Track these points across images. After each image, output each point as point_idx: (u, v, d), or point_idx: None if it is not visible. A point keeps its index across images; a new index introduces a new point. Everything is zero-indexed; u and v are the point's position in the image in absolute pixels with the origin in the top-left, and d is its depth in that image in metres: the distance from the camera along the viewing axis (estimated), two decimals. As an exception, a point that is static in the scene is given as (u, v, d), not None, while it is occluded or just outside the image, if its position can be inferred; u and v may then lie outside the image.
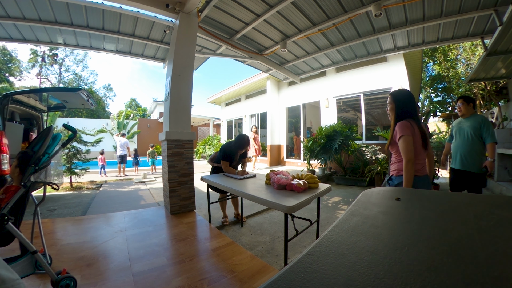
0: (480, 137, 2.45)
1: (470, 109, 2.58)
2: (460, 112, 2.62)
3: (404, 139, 1.55)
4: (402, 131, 1.57)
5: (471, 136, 2.49)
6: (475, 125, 2.48)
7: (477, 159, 2.46)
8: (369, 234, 0.52)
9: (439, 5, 3.43)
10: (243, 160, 3.21)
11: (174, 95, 3.22)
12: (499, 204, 0.77)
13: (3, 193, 1.42)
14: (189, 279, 1.63)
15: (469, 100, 2.60)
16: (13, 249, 1.56)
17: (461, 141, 2.59)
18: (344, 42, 4.72)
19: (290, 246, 2.11)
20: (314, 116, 10.62)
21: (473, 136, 2.48)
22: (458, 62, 8.79)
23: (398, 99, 1.71)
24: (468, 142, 2.51)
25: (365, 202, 0.77)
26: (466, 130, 2.55)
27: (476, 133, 2.46)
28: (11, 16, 3.50)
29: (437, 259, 0.40)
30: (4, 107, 3.33)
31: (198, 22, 3.52)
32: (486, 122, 2.44)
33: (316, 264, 0.39)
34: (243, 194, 1.92)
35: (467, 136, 2.53)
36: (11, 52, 19.61)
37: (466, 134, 2.54)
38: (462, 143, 2.57)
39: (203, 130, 19.05)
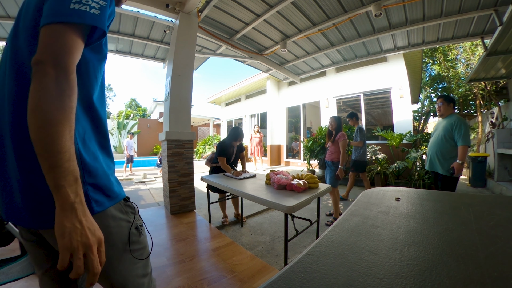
0: (452, 138, 2.36)
1: (450, 109, 2.48)
2: (439, 112, 2.53)
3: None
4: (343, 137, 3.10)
5: (442, 137, 2.42)
6: (447, 126, 2.40)
7: (446, 160, 2.38)
8: (369, 234, 0.52)
9: (439, 5, 3.43)
10: (241, 155, 3.20)
11: (174, 95, 3.22)
12: (499, 204, 0.77)
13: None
14: (189, 279, 1.63)
15: (450, 99, 2.50)
16: (13, 249, 1.56)
17: (432, 142, 2.54)
18: (344, 42, 4.72)
19: (290, 246, 2.11)
20: (314, 116, 10.63)
21: (444, 137, 2.40)
22: (458, 62, 8.79)
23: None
24: (438, 143, 2.45)
25: (365, 202, 0.78)
26: (439, 130, 2.49)
27: (448, 134, 2.38)
28: (11, 16, 3.50)
29: (437, 259, 0.40)
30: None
31: (198, 22, 3.52)
32: (458, 123, 2.32)
33: (316, 264, 0.39)
34: (243, 194, 1.92)
35: (438, 137, 2.46)
36: (11, 52, 19.63)
37: (438, 135, 2.48)
38: (434, 143, 2.51)
39: (203, 130, 19.05)
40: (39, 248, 0.65)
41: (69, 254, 0.44)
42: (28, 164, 0.53)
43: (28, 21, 0.55)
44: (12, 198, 0.57)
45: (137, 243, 0.67)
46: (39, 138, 0.44)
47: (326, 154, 3.36)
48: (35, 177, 0.53)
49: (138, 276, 0.67)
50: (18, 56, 0.55)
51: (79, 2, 0.50)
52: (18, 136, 0.54)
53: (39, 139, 0.44)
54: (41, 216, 0.54)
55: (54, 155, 0.44)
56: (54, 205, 0.47)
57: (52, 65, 0.46)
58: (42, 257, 0.66)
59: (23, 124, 0.49)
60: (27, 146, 0.52)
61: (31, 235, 0.64)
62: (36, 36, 0.51)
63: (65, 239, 0.44)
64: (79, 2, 0.51)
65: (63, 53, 0.48)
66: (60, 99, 0.46)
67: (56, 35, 0.48)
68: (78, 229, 0.45)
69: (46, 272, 0.66)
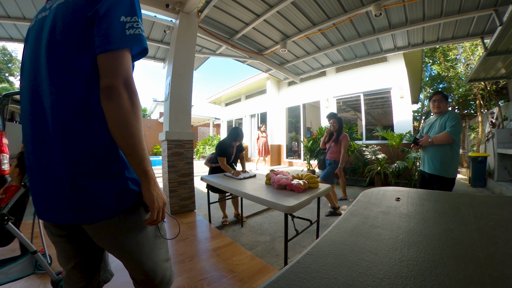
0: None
1: (447, 106, 2.38)
2: (438, 109, 2.36)
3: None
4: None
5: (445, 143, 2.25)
6: (441, 123, 2.28)
7: (445, 162, 2.23)
8: (369, 234, 0.52)
9: (439, 5, 3.43)
10: (241, 155, 3.20)
11: (174, 95, 3.22)
12: (499, 204, 0.77)
13: (3, 193, 1.42)
14: (189, 279, 1.63)
15: (447, 96, 2.40)
16: (13, 249, 1.56)
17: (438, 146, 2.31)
18: (344, 42, 4.72)
19: (290, 246, 2.11)
20: (314, 116, 10.63)
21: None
22: (458, 62, 8.79)
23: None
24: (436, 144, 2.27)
25: (365, 202, 0.77)
26: (436, 129, 2.34)
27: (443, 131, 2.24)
28: (11, 16, 3.50)
29: (437, 259, 0.40)
30: (4, 107, 3.33)
31: (198, 22, 3.52)
32: (454, 116, 2.20)
33: (316, 264, 0.39)
34: (243, 194, 1.92)
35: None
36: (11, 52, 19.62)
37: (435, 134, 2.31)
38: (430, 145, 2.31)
39: (203, 130, 19.04)
40: (69, 244, 0.72)
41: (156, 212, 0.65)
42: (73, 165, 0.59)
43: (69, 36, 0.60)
44: (53, 197, 0.62)
45: (162, 229, 0.80)
46: (128, 143, 0.59)
47: (327, 153, 3.39)
48: (79, 177, 0.60)
49: (163, 260, 0.78)
50: (58, 65, 0.60)
51: (132, 28, 0.60)
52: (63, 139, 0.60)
53: (129, 144, 0.59)
54: (88, 213, 0.61)
55: (140, 152, 0.61)
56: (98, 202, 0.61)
57: (124, 88, 0.59)
58: (71, 252, 0.73)
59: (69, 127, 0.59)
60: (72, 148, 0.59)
61: (62, 231, 0.70)
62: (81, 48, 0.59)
63: (155, 202, 0.65)
64: (132, 27, 0.60)
65: (129, 77, 0.60)
66: (136, 113, 0.60)
67: (119, 61, 0.59)
68: (160, 195, 0.67)
69: (75, 266, 0.74)
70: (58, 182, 0.60)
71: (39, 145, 0.63)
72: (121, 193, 0.64)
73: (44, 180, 0.63)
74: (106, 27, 0.57)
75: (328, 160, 3.32)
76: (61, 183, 0.60)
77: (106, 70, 0.57)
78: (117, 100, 0.57)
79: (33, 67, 0.65)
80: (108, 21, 0.58)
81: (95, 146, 0.61)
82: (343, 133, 3.26)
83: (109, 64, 0.58)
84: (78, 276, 0.74)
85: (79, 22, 0.60)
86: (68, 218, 0.62)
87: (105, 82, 0.57)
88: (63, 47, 0.60)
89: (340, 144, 3.23)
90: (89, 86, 0.60)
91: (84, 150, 0.60)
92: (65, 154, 0.59)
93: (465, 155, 7.56)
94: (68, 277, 0.75)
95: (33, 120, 0.64)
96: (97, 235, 0.66)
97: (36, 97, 0.63)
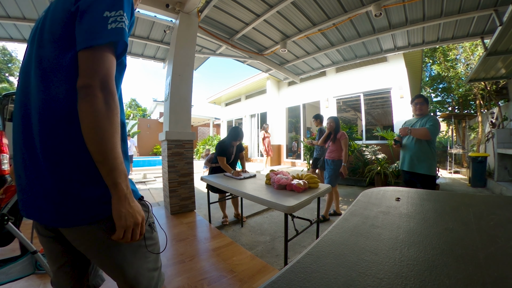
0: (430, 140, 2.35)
1: (427, 109, 2.51)
2: (419, 111, 2.50)
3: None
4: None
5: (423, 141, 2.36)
6: (422, 124, 2.40)
7: (426, 160, 2.34)
8: (369, 234, 0.52)
9: (439, 5, 3.43)
10: (241, 155, 3.20)
11: (174, 95, 3.21)
12: (499, 204, 0.77)
13: (3, 193, 1.42)
14: (189, 279, 1.63)
15: (427, 100, 2.53)
16: (13, 249, 1.56)
17: (411, 142, 2.45)
18: (344, 42, 4.71)
19: (290, 246, 2.11)
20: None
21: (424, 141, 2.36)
22: (458, 62, 8.78)
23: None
24: (417, 143, 2.39)
25: (365, 202, 0.77)
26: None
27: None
28: (11, 16, 3.50)
29: (437, 259, 0.40)
30: (4, 107, 3.33)
31: (198, 22, 3.52)
32: (433, 118, 2.33)
33: (316, 264, 0.39)
34: (243, 194, 1.92)
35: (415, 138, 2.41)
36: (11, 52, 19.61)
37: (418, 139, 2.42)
38: (412, 143, 2.43)
39: (203, 130, 19.04)
40: (56, 244, 0.69)
41: (123, 231, 0.57)
42: (54, 168, 0.58)
43: (54, 33, 0.59)
44: (35, 198, 0.61)
45: (150, 239, 0.72)
46: (99, 149, 0.55)
47: (326, 153, 3.41)
48: (60, 180, 0.58)
49: (149, 269, 0.72)
50: (43, 64, 0.59)
51: (114, 21, 0.56)
52: (46, 140, 0.58)
53: (99, 151, 0.55)
54: (63, 216, 0.58)
55: (112, 161, 0.55)
56: (74, 206, 0.58)
57: (100, 88, 0.54)
58: (58, 252, 0.70)
59: (52, 128, 0.57)
60: (54, 150, 0.58)
61: (49, 232, 0.68)
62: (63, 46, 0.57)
63: (122, 220, 0.57)
64: (115, 21, 0.56)
65: (107, 77, 0.56)
66: (110, 117, 0.55)
67: (98, 59, 0.55)
68: (130, 213, 0.58)
69: (61, 267, 0.71)
70: (38, 183, 0.60)
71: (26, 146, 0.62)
72: (100, 201, 0.60)
73: (27, 179, 0.62)
74: (87, 22, 0.54)
75: (327, 160, 3.33)
76: (41, 184, 0.59)
77: (83, 68, 0.54)
78: (90, 101, 0.53)
79: (26, 68, 0.65)
80: (89, 17, 0.55)
81: (76, 150, 0.58)
82: (341, 132, 3.29)
83: (87, 62, 0.54)
84: (64, 278, 0.72)
85: (63, 18, 0.58)
86: (44, 218, 0.61)
87: (80, 81, 0.54)
88: (48, 45, 0.59)
89: (338, 143, 3.26)
90: (71, 87, 0.57)
91: (65, 153, 0.58)
92: (46, 156, 0.58)
93: (465, 155, 7.56)
94: (55, 278, 0.73)
95: (23, 120, 0.63)
96: (75, 241, 0.63)
97: (25, 97, 0.62)
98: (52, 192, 0.58)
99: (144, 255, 0.71)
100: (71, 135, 0.58)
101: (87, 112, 0.53)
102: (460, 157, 8.58)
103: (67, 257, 0.71)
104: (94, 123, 0.53)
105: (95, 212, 0.60)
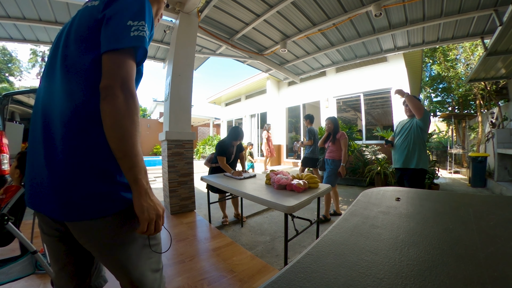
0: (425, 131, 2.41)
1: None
2: (410, 112, 2.57)
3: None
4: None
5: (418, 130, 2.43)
6: (413, 123, 2.46)
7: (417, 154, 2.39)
8: (369, 234, 0.52)
9: (439, 5, 3.43)
10: (241, 155, 3.20)
11: (174, 95, 3.21)
12: (499, 204, 0.77)
13: (3, 193, 1.42)
14: (189, 279, 1.63)
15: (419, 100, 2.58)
16: (13, 249, 1.56)
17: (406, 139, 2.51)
18: (344, 42, 4.71)
19: (290, 246, 2.11)
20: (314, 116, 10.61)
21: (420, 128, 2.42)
22: (458, 62, 8.78)
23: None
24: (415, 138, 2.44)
25: (365, 202, 0.77)
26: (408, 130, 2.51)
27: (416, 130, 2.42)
28: (11, 16, 3.50)
29: (437, 259, 0.40)
30: (4, 107, 3.33)
31: (198, 22, 3.52)
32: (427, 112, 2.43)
33: (316, 264, 0.39)
34: (243, 194, 1.92)
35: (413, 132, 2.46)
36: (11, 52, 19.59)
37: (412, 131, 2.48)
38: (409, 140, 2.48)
39: (203, 130, 19.03)
40: (61, 244, 0.70)
41: (147, 224, 0.60)
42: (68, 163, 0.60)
43: (79, 35, 0.64)
44: (45, 191, 0.63)
45: (153, 239, 0.74)
46: (120, 147, 0.58)
47: (326, 153, 3.41)
48: (73, 175, 0.60)
49: (153, 270, 0.74)
50: (67, 61, 0.64)
51: (137, 30, 0.61)
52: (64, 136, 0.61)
53: (121, 148, 0.58)
54: (72, 210, 0.60)
55: (133, 158, 0.59)
56: (83, 200, 0.60)
57: (121, 89, 0.58)
58: (62, 252, 0.71)
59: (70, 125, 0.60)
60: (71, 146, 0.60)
61: (55, 231, 0.69)
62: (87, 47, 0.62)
63: (145, 214, 0.60)
64: (137, 29, 0.61)
65: (128, 78, 0.60)
66: (131, 116, 0.59)
67: (120, 62, 0.59)
68: (152, 206, 0.61)
69: (63, 267, 0.72)
70: (52, 177, 0.61)
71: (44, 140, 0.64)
72: (109, 197, 0.62)
73: (39, 173, 0.64)
74: (112, 28, 0.60)
75: (327, 160, 3.33)
76: (54, 179, 0.61)
77: (106, 70, 0.58)
78: (112, 102, 0.57)
79: (50, 68, 0.69)
80: (114, 23, 0.60)
81: (90, 148, 0.61)
82: (340, 132, 3.29)
83: (109, 65, 0.59)
84: (66, 279, 0.73)
85: (89, 23, 0.63)
86: (53, 211, 0.62)
87: (103, 82, 0.58)
88: (73, 45, 0.64)
89: (338, 143, 3.26)
90: (90, 87, 0.61)
91: (80, 150, 0.60)
92: (63, 152, 0.60)
93: (465, 155, 7.56)
94: (57, 278, 0.73)
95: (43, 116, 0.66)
96: (81, 237, 0.64)
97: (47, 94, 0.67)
98: (64, 186, 0.60)
99: (148, 255, 0.72)
100: (88, 133, 0.61)
101: (109, 111, 0.57)
102: (460, 157, 8.58)
103: (70, 257, 0.72)
104: (116, 122, 0.57)
105: (104, 207, 0.61)
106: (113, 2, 0.62)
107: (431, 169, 4.71)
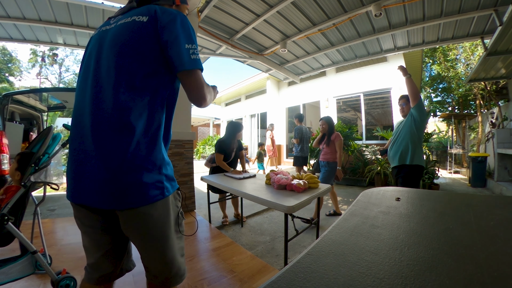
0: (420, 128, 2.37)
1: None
2: (403, 112, 2.55)
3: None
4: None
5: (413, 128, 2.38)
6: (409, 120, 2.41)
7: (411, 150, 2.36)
8: (369, 234, 0.52)
9: (439, 5, 3.43)
10: (241, 154, 3.19)
11: (174, 95, 3.21)
12: (499, 204, 0.77)
13: (3, 193, 1.42)
14: (189, 279, 1.63)
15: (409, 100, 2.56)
16: (13, 249, 1.56)
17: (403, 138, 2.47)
18: (344, 42, 4.72)
19: (290, 246, 2.11)
20: (314, 116, 10.63)
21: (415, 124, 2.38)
22: (458, 62, 8.79)
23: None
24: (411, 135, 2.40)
25: (365, 202, 0.77)
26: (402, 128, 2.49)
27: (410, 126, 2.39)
28: (11, 16, 3.50)
29: (437, 259, 0.40)
30: (4, 107, 3.33)
31: (198, 22, 3.52)
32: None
33: (316, 264, 0.39)
34: (243, 194, 1.92)
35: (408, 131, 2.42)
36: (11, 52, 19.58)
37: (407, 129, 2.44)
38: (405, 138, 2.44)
39: (203, 130, 19.04)
40: (104, 233, 0.79)
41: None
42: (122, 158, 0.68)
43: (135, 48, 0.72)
44: (94, 185, 0.69)
45: (181, 225, 0.87)
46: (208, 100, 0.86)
47: (320, 155, 3.34)
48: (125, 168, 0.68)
49: (181, 254, 0.85)
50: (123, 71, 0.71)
51: (194, 53, 0.75)
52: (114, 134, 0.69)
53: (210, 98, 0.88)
54: (122, 199, 0.68)
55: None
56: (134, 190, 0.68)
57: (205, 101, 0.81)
58: (102, 241, 0.80)
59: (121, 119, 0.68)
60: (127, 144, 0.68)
61: (96, 222, 0.77)
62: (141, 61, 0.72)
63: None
64: (194, 53, 0.75)
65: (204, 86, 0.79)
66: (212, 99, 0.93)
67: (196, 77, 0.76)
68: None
69: (104, 254, 0.81)
70: (105, 169, 0.68)
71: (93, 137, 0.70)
72: (157, 186, 0.72)
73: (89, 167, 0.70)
74: (176, 52, 0.72)
75: (321, 162, 3.25)
76: (108, 170, 0.68)
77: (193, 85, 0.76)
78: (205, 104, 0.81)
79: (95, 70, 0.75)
80: (177, 47, 0.72)
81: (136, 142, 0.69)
82: (335, 133, 3.20)
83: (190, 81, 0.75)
84: (106, 264, 0.82)
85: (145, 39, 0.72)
86: (105, 202, 0.69)
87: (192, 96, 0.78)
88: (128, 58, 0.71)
89: (333, 145, 3.16)
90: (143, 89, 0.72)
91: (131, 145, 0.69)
92: (119, 145, 0.68)
93: (465, 155, 7.56)
94: (97, 264, 0.81)
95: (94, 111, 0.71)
96: (128, 222, 0.72)
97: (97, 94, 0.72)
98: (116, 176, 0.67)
99: (178, 240, 0.84)
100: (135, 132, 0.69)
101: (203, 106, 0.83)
102: (460, 157, 8.58)
103: (110, 245, 0.81)
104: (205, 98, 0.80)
105: (153, 194, 0.71)
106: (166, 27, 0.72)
107: (431, 169, 4.72)
